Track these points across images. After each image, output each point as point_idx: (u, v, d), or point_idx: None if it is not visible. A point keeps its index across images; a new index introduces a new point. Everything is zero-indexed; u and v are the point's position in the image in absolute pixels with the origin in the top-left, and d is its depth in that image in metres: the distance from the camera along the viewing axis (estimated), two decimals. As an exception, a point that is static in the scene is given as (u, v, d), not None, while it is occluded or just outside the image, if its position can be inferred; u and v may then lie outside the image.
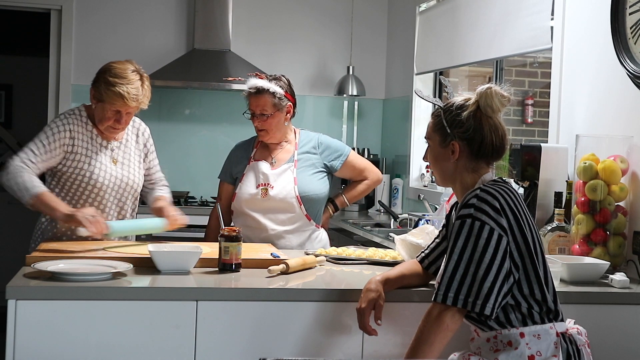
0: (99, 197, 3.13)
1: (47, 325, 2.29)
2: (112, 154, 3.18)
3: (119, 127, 3.10)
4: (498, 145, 2.27)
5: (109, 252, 2.78)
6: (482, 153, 2.26)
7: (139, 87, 3.05)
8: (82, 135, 3.12)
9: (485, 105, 2.25)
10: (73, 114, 3.15)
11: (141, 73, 3.10)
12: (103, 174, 3.12)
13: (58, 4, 5.64)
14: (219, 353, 2.39)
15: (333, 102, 6.14)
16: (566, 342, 2.16)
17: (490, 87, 2.26)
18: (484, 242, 2.11)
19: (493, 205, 2.13)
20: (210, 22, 5.71)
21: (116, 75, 3.02)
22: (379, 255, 2.97)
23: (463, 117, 2.26)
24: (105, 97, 3.03)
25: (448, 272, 2.13)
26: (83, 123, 3.14)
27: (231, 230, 2.66)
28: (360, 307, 2.32)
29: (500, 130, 2.27)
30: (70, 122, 3.11)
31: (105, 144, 3.17)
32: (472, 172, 2.27)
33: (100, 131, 3.15)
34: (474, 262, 2.10)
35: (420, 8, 5.49)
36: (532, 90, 6.20)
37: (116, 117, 3.06)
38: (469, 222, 2.13)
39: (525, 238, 2.15)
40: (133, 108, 3.07)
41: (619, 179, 2.97)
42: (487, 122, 2.26)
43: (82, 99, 5.70)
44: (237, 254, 2.65)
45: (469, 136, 2.26)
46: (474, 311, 2.11)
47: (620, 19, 3.09)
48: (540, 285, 2.15)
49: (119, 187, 3.18)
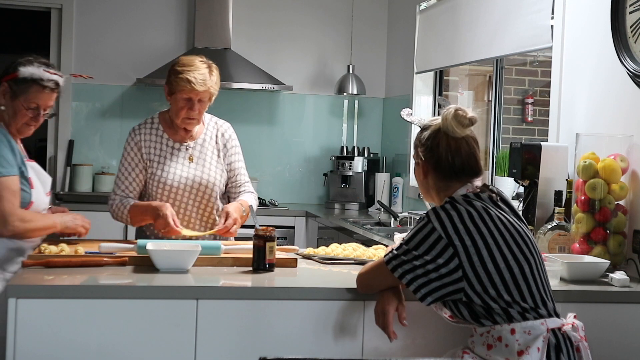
0: (175, 197, 3.18)
1: (47, 323, 2.29)
2: (187, 153, 3.21)
3: (193, 117, 3.12)
4: (458, 165, 2.31)
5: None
6: (444, 172, 2.32)
7: (207, 74, 3.10)
8: (152, 143, 3.20)
9: (445, 126, 2.32)
10: (144, 124, 3.25)
11: (209, 63, 3.16)
12: (177, 173, 3.17)
13: (58, 3, 5.65)
14: (220, 351, 2.39)
15: (333, 100, 6.14)
16: (557, 338, 2.17)
17: (451, 107, 2.33)
18: (424, 236, 2.22)
19: (449, 216, 2.23)
20: (210, 20, 5.72)
21: (183, 65, 3.11)
22: (367, 255, 2.97)
23: (423, 136, 2.36)
24: (175, 86, 3.10)
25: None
26: (153, 130, 3.22)
27: (268, 229, 2.69)
28: (383, 308, 2.33)
29: (464, 149, 2.32)
30: (136, 134, 3.22)
31: (178, 145, 3.21)
32: (445, 190, 2.34)
33: (173, 134, 3.21)
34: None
35: (420, 7, 5.49)
36: (532, 89, 6.21)
37: (188, 105, 3.09)
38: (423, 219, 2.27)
39: (478, 248, 2.19)
40: (203, 94, 3.09)
41: (619, 177, 2.97)
42: (447, 142, 2.31)
43: (82, 97, 5.76)
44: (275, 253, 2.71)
45: (426, 156, 2.35)
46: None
47: (620, 17, 3.09)
48: (494, 285, 2.17)
49: (192, 187, 3.19)
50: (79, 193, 5.53)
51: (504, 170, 4.30)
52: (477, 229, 2.21)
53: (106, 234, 4.86)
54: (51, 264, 2.58)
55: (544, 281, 2.26)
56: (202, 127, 3.27)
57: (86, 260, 2.63)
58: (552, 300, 2.27)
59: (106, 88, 5.76)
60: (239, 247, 2.88)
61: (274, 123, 6.04)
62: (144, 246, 2.71)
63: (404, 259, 2.23)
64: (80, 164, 5.65)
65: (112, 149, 5.79)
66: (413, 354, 2.45)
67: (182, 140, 3.22)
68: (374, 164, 5.92)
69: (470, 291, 2.18)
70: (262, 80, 5.60)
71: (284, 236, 5.40)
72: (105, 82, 5.74)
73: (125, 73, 5.75)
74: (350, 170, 5.81)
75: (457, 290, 2.19)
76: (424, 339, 2.47)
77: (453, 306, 2.23)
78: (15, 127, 2.83)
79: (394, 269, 2.25)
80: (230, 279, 2.58)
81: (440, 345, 2.46)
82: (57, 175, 5.66)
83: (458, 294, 2.19)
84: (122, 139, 5.77)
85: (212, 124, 3.31)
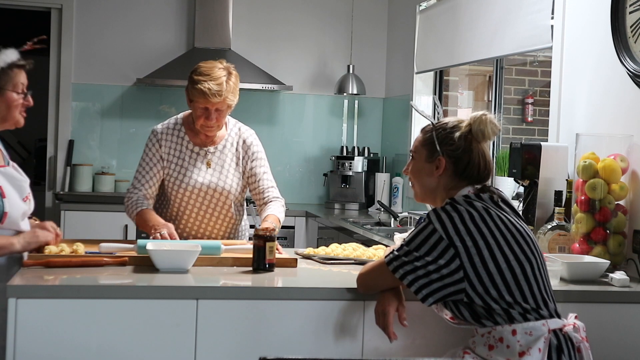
0: (188, 201, 3.19)
1: (47, 323, 2.29)
2: (206, 158, 3.21)
3: (211, 125, 3.12)
4: (483, 171, 2.34)
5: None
6: (467, 174, 2.33)
7: (223, 83, 3.08)
8: (173, 144, 3.20)
9: (477, 130, 2.32)
10: (167, 124, 3.24)
11: (230, 70, 3.14)
12: (192, 177, 3.17)
13: (58, 3, 5.65)
14: (220, 351, 2.39)
15: (333, 100, 6.15)
16: (558, 339, 2.18)
17: (485, 114, 2.34)
18: (425, 237, 2.23)
19: (450, 217, 2.23)
20: (210, 20, 5.72)
21: (201, 73, 3.10)
22: (367, 255, 2.97)
23: (455, 136, 2.34)
24: (192, 95, 3.11)
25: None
26: (175, 131, 3.22)
27: (268, 230, 2.70)
28: (384, 308, 2.34)
29: (487, 157, 2.36)
30: (158, 133, 3.21)
31: (198, 150, 3.20)
32: (451, 190, 2.34)
33: (194, 137, 3.20)
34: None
35: (420, 7, 5.49)
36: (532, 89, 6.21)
37: (205, 115, 3.10)
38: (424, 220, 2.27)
39: (479, 248, 2.19)
40: (220, 104, 3.08)
41: (619, 177, 2.97)
42: (477, 146, 2.34)
43: (82, 97, 5.76)
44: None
45: (457, 155, 2.34)
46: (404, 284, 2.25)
47: (620, 17, 3.09)
48: (495, 285, 2.17)
49: (206, 192, 3.19)
50: (79, 193, 5.53)
51: (504, 170, 4.30)
52: (478, 229, 2.21)
53: (106, 234, 4.90)
54: (51, 264, 2.58)
55: (546, 281, 2.26)
56: (224, 132, 3.25)
57: (86, 260, 2.63)
58: (554, 300, 2.27)
59: (106, 88, 5.76)
60: (239, 247, 2.88)
61: (274, 123, 6.04)
62: (144, 246, 2.71)
63: (405, 260, 2.24)
64: (80, 164, 5.65)
65: (112, 149, 5.79)
66: (413, 354, 2.45)
67: (202, 144, 3.21)
68: (374, 164, 5.92)
69: (471, 292, 2.18)
70: (262, 80, 5.60)
71: (284, 236, 5.40)
72: (105, 82, 5.74)
73: (125, 73, 5.75)
74: (350, 170, 5.81)
75: (459, 291, 2.19)
76: (424, 339, 2.47)
77: (454, 307, 2.23)
78: (13, 120, 2.74)
79: (395, 269, 2.25)
80: (230, 279, 2.58)
81: (440, 345, 2.46)
82: (57, 175, 5.66)
83: (459, 294, 2.19)
84: (122, 139, 5.78)
85: (235, 130, 3.28)
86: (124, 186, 5.63)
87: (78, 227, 5.11)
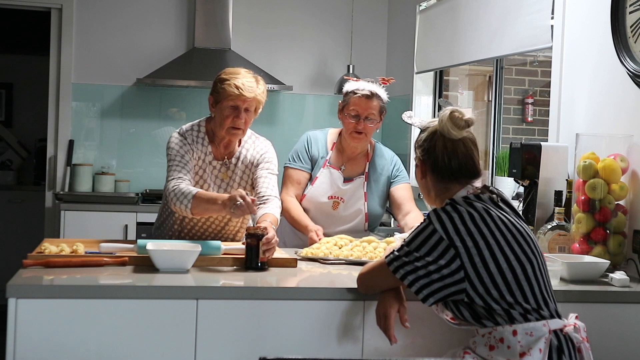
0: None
1: (47, 323, 2.29)
2: (220, 171, 3.16)
3: (239, 126, 3.05)
4: (455, 167, 2.33)
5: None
6: (443, 173, 2.34)
7: (254, 82, 3.05)
8: (198, 151, 3.12)
9: (441, 128, 2.34)
10: (191, 129, 3.16)
11: (254, 74, 3.10)
12: (204, 187, 3.12)
13: (58, 3, 5.64)
14: (219, 351, 2.39)
15: (333, 100, 6.14)
16: (559, 339, 2.18)
17: (447, 110, 2.35)
18: (425, 238, 2.23)
19: (450, 218, 2.23)
20: (210, 20, 5.72)
21: (230, 73, 3.07)
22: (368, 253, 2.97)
23: (420, 138, 2.39)
24: (222, 94, 3.03)
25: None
26: (199, 139, 3.14)
27: (260, 228, 2.69)
28: (385, 311, 2.34)
29: (460, 151, 2.33)
30: (187, 137, 3.12)
31: (215, 163, 3.16)
32: (444, 192, 2.35)
33: (214, 148, 3.15)
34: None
35: (420, 7, 5.49)
36: (532, 89, 6.21)
37: (235, 114, 3.02)
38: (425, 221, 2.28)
39: (479, 249, 2.19)
40: (250, 102, 3.02)
41: (619, 177, 2.97)
42: (443, 144, 2.33)
43: (82, 97, 5.75)
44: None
45: (424, 157, 2.38)
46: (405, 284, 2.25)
47: (620, 17, 3.09)
48: (496, 286, 2.18)
49: None
50: (79, 193, 5.52)
51: (504, 170, 4.30)
52: (479, 229, 2.21)
53: (106, 234, 4.90)
54: (51, 264, 2.58)
55: (546, 281, 2.26)
56: (237, 146, 3.20)
57: (86, 260, 2.63)
58: (554, 300, 2.27)
59: (106, 88, 5.76)
60: (238, 247, 2.88)
61: (274, 123, 6.04)
62: (144, 246, 2.71)
63: (405, 260, 2.24)
64: (80, 164, 5.65)
65: (112, 149, 5.79)
66: (413, 354, 2.45)
67: (220, 156, 3.17)
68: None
69: (472, 292, 2.18)
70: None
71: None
72: (105, 82, 5.74)
73: (125, 73, 5.75)
74: (350, 170, 5.79)
75: (459, 291, 2.19)
76: (424, 339, 2.47)
77: (454, 307, 2.23)
78: None
79: (396, 270, 2.25)
80: (230, 279, 2.58)
81: (440, 345, 2.46)
82: (57, 175, 5.66)
83: (460, 294, 2.19)
84: (122, 139, 5.78)
85: (249, 142, 3.23)
86: (124, 186, 5.63)
87: (78, 227, 5.11)
